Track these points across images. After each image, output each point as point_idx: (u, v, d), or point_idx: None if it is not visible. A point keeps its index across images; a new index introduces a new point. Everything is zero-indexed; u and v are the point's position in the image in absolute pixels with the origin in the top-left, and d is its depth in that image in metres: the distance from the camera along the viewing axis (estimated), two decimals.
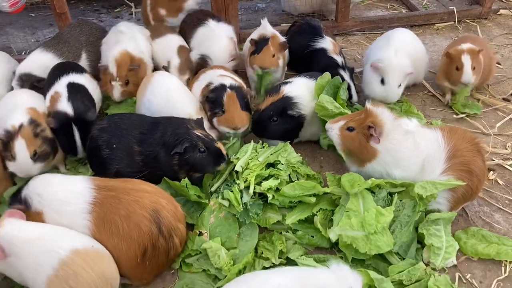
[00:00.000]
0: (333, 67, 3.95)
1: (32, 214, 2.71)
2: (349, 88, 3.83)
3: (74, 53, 4.22)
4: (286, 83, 3.66)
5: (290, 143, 3.43)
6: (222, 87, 3.52)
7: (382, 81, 3.80)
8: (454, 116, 4.07)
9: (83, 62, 4.25)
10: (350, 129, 3.01)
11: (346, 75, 3.96)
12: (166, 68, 4.20)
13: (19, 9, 4.46)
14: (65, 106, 3.42)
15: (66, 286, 2.41)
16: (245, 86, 3.72)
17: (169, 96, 3.55)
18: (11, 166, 3.16)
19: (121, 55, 3.92)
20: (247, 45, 4.36)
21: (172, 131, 3.13)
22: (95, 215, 2.66)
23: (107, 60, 3.97)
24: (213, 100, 3.51)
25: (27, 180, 2.97)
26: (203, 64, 4.26)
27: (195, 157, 3.09)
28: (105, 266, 2.54)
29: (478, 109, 4.08)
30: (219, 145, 3.16)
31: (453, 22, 5.52)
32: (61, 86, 3.56)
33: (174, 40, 4.47)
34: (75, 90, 3.56)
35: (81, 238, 2.61)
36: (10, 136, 3.12)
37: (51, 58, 4.03)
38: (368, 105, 2.98)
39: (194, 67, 4.31)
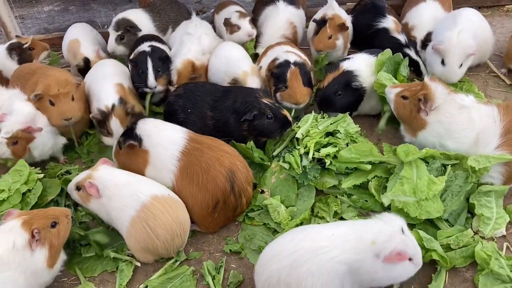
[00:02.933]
0: (397, 48, 4.07)
1: (139, 152, 3.14)
2: (417, 65, 4.01)
3: (163, 25, 4.68)
4: (345, 59, 3.84)
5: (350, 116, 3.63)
6: (287, 63, 3.73)
7: (443, 62, 3.86)
8: None
9: (168, 36, 4.65)
10: (404, 97, 3.20)
11: (412, 52, 4.10)
12: (227, 20, 4.49)
13: None
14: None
15: (146, 225, 2.78)
16: (309, 63, 3.94)
17: (228, 56, 3.97)
18: (109, 141, 3.60)
19: (184, 66, 4.05)
20: (312, 24, 4.56)
21: (242, 99, 3.41)
22: (182, 163, 3.03)
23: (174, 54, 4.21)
24: (277, 75, 3.73)
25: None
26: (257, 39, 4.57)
27: (263, 123, 3.36)
28: (179, 211, 2.90)
29: None
30: (285, 112, 3.41)
31: None
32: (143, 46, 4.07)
33: (234, 8, 4.84)
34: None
35: (160, 186, 2.98)
36: (106, 116, 3.52)
37: (146, 19, 4.60)
38: (426, 79, 3.15)
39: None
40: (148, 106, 4.01)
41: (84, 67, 4.42)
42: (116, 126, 3.51)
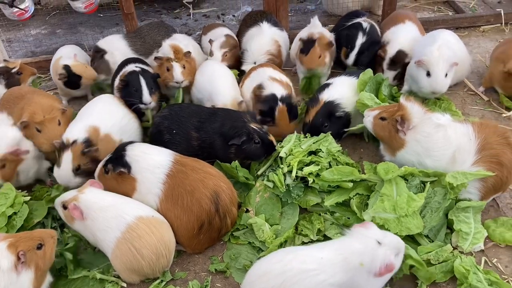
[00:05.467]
0: (355, 27, 4.51)
1: (129, 178, 3.14)
2: (352, 49, 4.42)
3: (146, 49, 4.77)
4: (323, 88, 3.89)
5: (340, 139, 3.75)
6: (274, 100, 3.78)
7: (428, 74, 3.92)
8: (494, 114, 4.22)
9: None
10: (382, 118, 3.30)
11: (360, 38, 4.43)
12: (211, 42, 4.62)
13: (92, 10, 4.99)
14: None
15: (131, 247, 2.82)
16: (292, 89, 4.05)
17: (213, 81, 4.07)
18: (55, 172, 3.44)
19: (175, 44, 4.27)
20: (295, 43, 4.68)
21: (231, 124, 3.49)
22: (167, 186, 3.07)
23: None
24: (265, 112, 3.81)
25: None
26: (242, 56, 4.69)
27: (251, 147, 3.45)
28: (164, 231, 2.94)
29: None
30: (271, 137, 3.51)
31: (499, 25, 5.59)
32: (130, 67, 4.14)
33: (222, 31, 4.94)
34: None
35: (144, 207, 3.03)
36: (62, 148, 3.40)
37: (123, 44, 4.70)
38: (402, 99, 3.26)
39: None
40: (152, 120, 4.04)
41: (68, 75, 4.42)
42: (67, 160, 3.37)
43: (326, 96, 3.80)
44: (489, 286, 2.72)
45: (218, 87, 4.01)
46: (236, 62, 4.70)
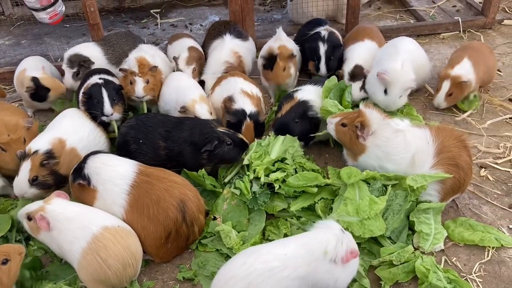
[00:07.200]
0: (314, 39, 4.58)
1: (89, 190, 3.16)
2: (319, 60, 4.46)
3: (116, 58, 4.77)
4: (296, 91, 4.01)
5: (307, 144, 3.82)
6: (243, 115, 3.82)
7: (385, 91, 4.10)
8: (454, 119, 4.38)
9: None
10: (343, 125, 3.41)
11: (322, 47, 4.50)
12: (175, 59, 4.62)
13: (57, 20, 4.94)
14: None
15: (97, 257, 2.80)
16: (262, 103, 4.12)
17: (177, 85, 4.16)
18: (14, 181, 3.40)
19: (141, 57, 4.27)
20: (260, 59, 4.72)
21: (199, 131, 3.52)
22: (131, 197, 3.07)
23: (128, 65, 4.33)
24: (232, 124, 3.85)
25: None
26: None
27: (224, 150, 3.48)
28: (131, 241, 2.94)
29: (476, 105, 4.44)
30: (240, 135, 3.58)
31: (458, 32, 5.79)
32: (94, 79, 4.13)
33: (187, 42, 4.94)
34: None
35: (110, 217, 3.03)
36: (23, 157, 3.38)
37: (98, 51, 4.68)
38: (361, 106, 3.38)
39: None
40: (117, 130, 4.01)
41: (36, 88, 4.37)
42: (24, 169, 3.34)
43: (300, 95, 3.89)
44: (448, 284, 2.83)
45: (183, 88, 4.08)
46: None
